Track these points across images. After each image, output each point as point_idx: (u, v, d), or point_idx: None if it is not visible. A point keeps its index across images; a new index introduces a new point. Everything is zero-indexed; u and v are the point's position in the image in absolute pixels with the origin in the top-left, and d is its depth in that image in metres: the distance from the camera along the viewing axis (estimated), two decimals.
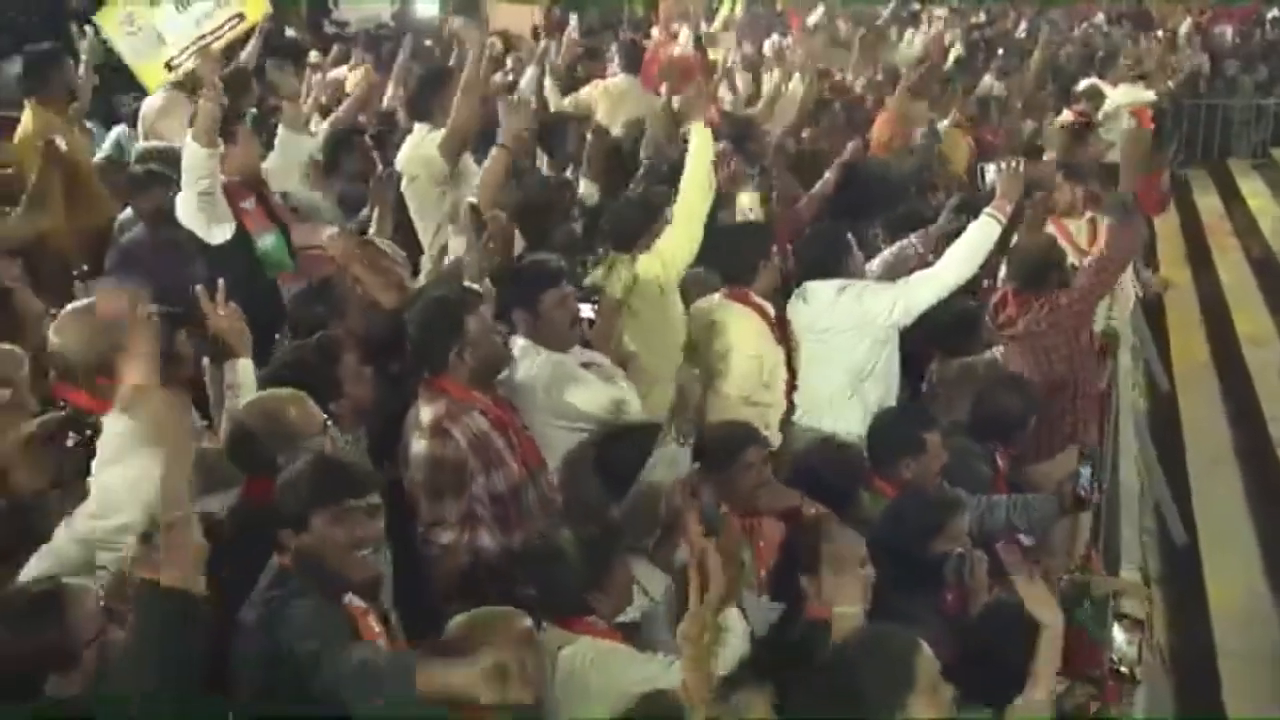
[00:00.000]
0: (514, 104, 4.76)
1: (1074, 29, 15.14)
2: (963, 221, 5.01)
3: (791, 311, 4.76)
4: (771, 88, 8.24)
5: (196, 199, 4.84)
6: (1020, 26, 15.02)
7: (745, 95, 8.80)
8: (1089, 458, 4.38)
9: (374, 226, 4.98)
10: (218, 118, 4.84)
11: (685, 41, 10.09)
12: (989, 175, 5.52)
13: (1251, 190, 13.36)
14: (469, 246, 4.33)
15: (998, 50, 12.09)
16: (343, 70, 9.70)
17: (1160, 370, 8.72)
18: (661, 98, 7.65)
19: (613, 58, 8.88)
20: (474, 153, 5.48)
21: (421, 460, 3.48)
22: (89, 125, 6.84)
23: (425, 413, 3.57)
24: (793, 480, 4.25)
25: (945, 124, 8.05)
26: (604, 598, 3.29)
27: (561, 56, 9.26)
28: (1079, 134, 8.12)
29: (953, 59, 11.31)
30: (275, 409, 3.13)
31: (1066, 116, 9.21)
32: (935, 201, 6.42)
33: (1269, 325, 9.63)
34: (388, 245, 4.76)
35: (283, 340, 4.24)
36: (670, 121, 7.23)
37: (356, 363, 3.58)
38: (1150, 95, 10.82)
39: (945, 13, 13.90)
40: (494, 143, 6.14)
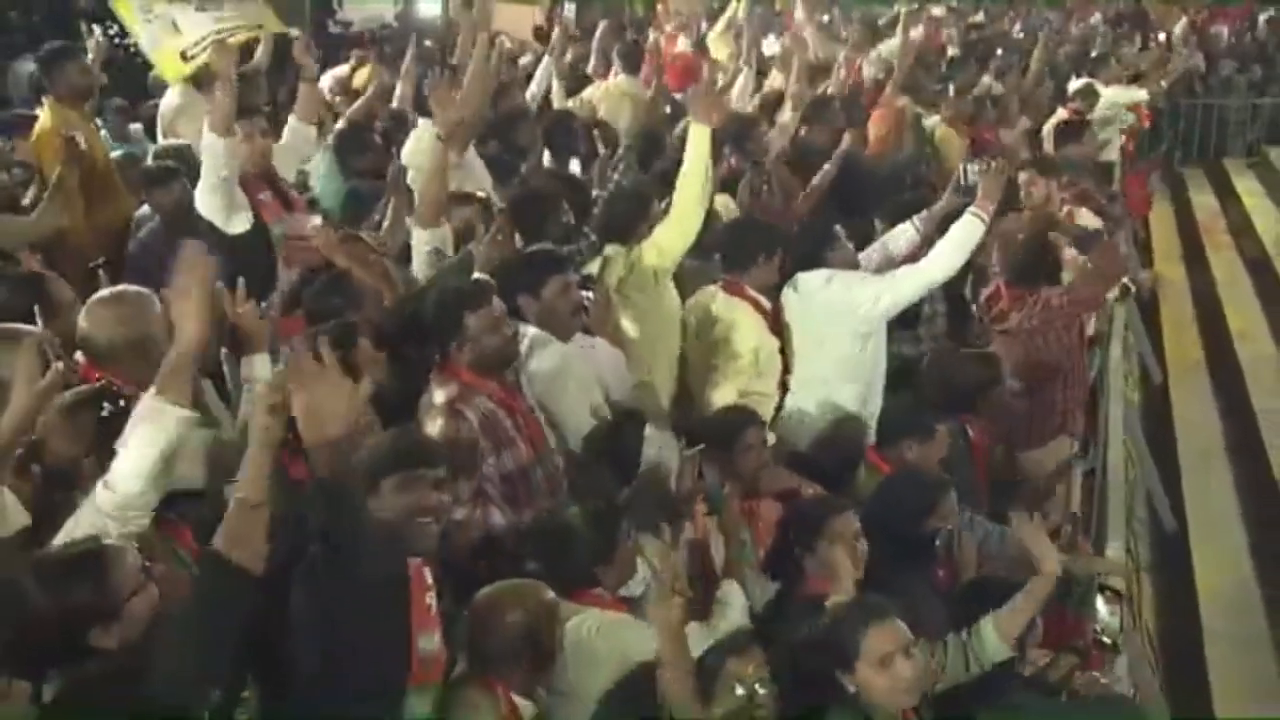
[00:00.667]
0: (444, 98, 4.86)
1: (1071, 29, 15.25)
2: (965, 202, 5.11)
3: (784, 301, 4.90)
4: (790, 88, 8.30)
5: (217, 187, 5.03)
6: (1016, 27, 15.16)
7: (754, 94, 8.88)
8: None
9: (389, 218, 5.13)
10: (233, 109, 5.01)
11: (686, 42, 10.26)
12: (971, 174, 5.64)
13: (1246, 189, 13.49)
14: (478, 238, 4.48)
15: (995, 50, 12.22)
16: (344, 69, 9.89)
17: (1153, 364, 8.87)
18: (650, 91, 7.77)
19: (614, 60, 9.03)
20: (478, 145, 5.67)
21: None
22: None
23: (438, 395, 3.72)
24: (790, 463, 4.42)
25: (934, 120, 8.17)
26: (609, 571, 3.46)
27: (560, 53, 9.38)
28: (1071, 131, 8.27)
29: (950, 59, 11.46)
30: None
31: (1061, 114, 9.35)
32: (932, 198, 6.54)
33: (1261, 321, 9.77)
34: (371, 237, 4.93)
35: None
36: (657, 111, 7.39)
37: (372, 349, 3.72)
38: (1143, 95, 10.96)
39: (943, 11, 14.06)
40: (502, 136, 6.34)
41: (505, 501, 3.72)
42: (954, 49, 12.11)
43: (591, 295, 4.55)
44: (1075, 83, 10.55)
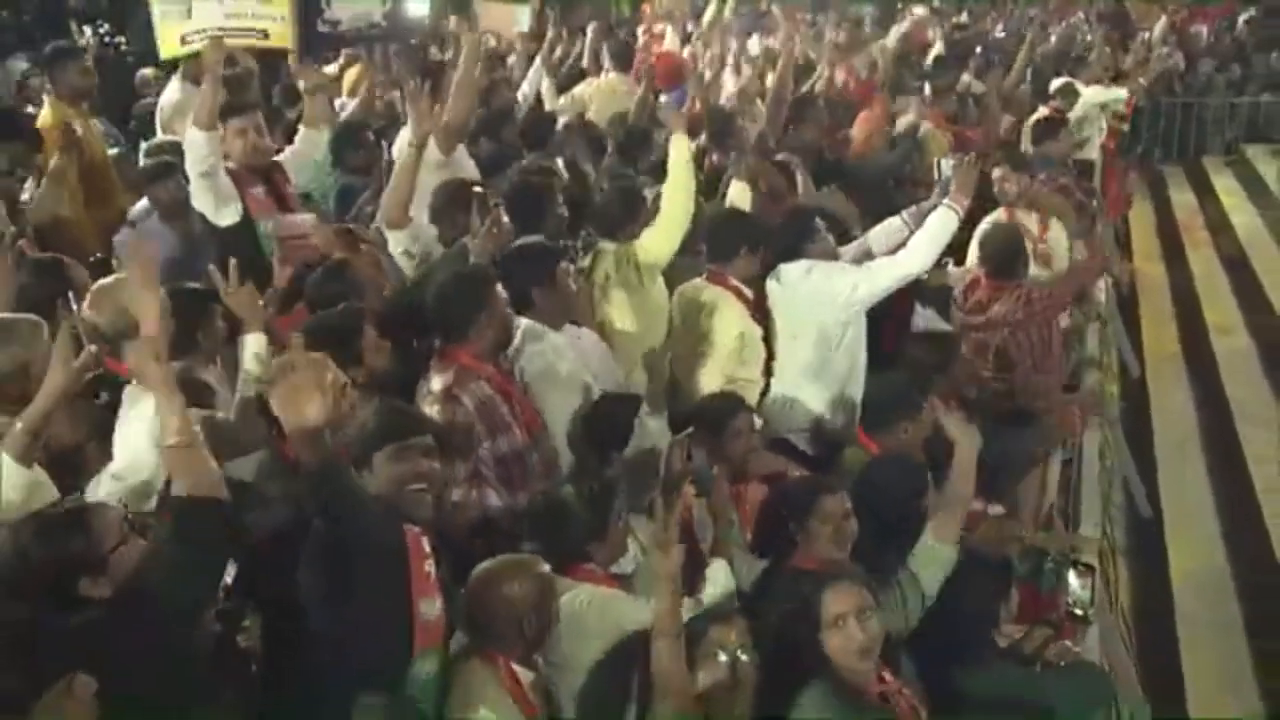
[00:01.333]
0: (421, 108, 5.02)
1: (1052, 28, 15.42)
2: None
3: (767, 291, 5.02)
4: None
5: (200, 180, 5.16)
6: (998, 27, 15.32)
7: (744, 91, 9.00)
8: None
9: (381, 213, 5.25)
10: (217, 104, 5.15)
11: (671, 40, 10.39)
12: (945, 169, 5.79)
13: (1224, 187, 13.68)
14: (474, 232, 4.61)
15: (976, 49, 12.38)
16: (333, 68, 9.99)
17: (1131, 358, 9.03)
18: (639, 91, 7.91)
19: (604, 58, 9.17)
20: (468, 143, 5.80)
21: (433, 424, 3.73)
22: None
23: (436, 381, 3.85)
24: (777, 447, 4.57)
25: (909, 118, 8.32)
26: (602, 548, 3.60)
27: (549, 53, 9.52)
28: (1049, 128, 8.42)
29: (932, 58, 11.61)
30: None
31: (1042, 112, 9.50)
32: (915, 195, 6.68)
33: (1236, 316, 9.95)
34: (363, 231, 5.06)
35: None
36: (646, 107, 7.53)
37: (376, 335, 3.85)
38: (1122, 94, 11.12)
39: (925, 11, 14.22)
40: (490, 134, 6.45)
41: (501, 484, 3.84)
42: (937, 48, 12.26)
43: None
44: (1056, 82, 10.71)
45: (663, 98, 7.89)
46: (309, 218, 5.37)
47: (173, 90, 7.08)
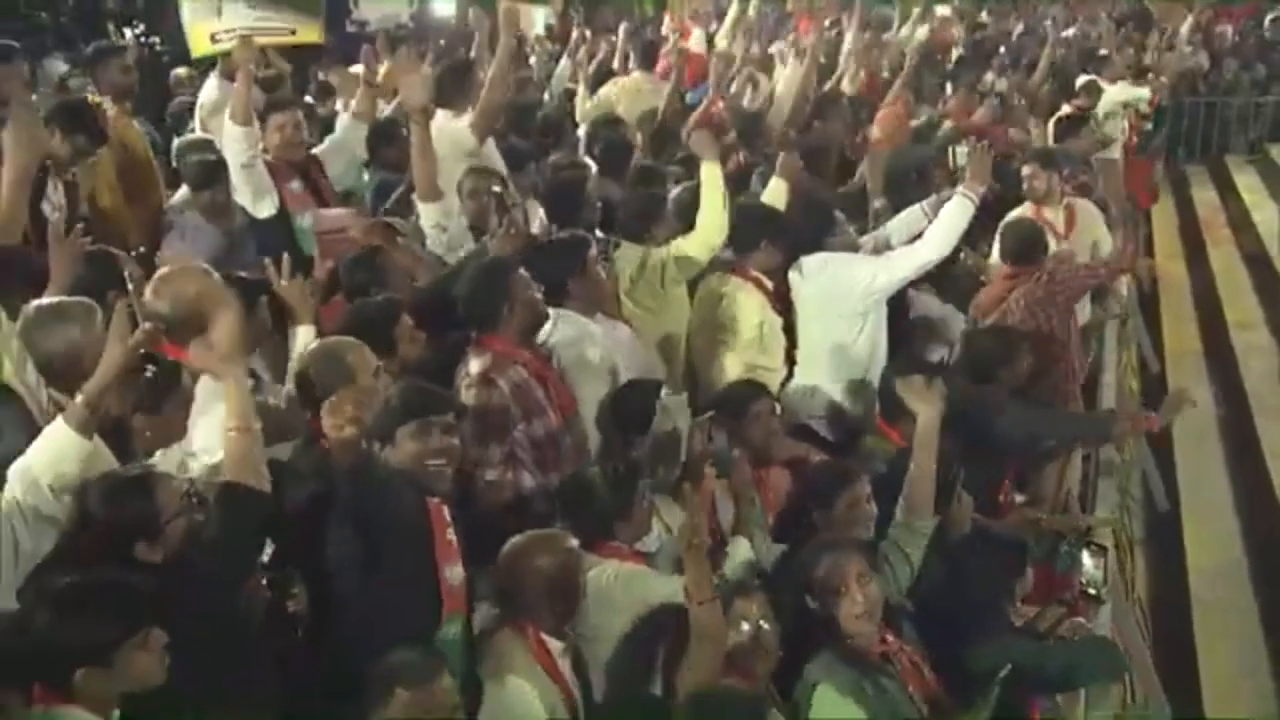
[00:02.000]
0: (411, 81, 5.13)
1: (1074, 27, 15.45)
2: None
3: (790, 282, 5.15)
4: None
5: (239, 173, 5.39)
6: (1019, 26, 15.37)
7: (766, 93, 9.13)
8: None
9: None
10: (251, 100, 5.40)
11: (698, 41, 10.53)
12: (960, 156, 5.92)
13: (1246, 185, 13.67)
14: (491, 231, 4.76)
15: (999, 48, 12.46)
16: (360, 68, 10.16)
17: (1151, 353, 9.11)
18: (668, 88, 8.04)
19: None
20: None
21: (469, 407, 3.88)
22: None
23: (473, 365, 4.01)
24: (798, 433, 4.70)
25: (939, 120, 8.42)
26: (626, 526, 3.73)
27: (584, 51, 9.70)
28: (1071, 126, 8.51)
29: (955, 58, 11.70)
30: (336, 352, 3.54)
31: (1065, 110, 9.58)
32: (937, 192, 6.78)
33: (1257, 313, 9.99)
34: (399, 223, 5.22)
35: None
36: (676, 107, 7.66)
37: (412, 325, 4.00)
38: (1145, 93, 11.19)
39: (949, 11, 14.30)
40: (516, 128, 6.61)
41: (535, 465, 4.00)
42: (960, 49, 12.35)
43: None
44: (1081, 79, 10.78)
45: (688, 96, 8.04)
46: (346, 212, 5.54)
47: (210, 88, 7.28)
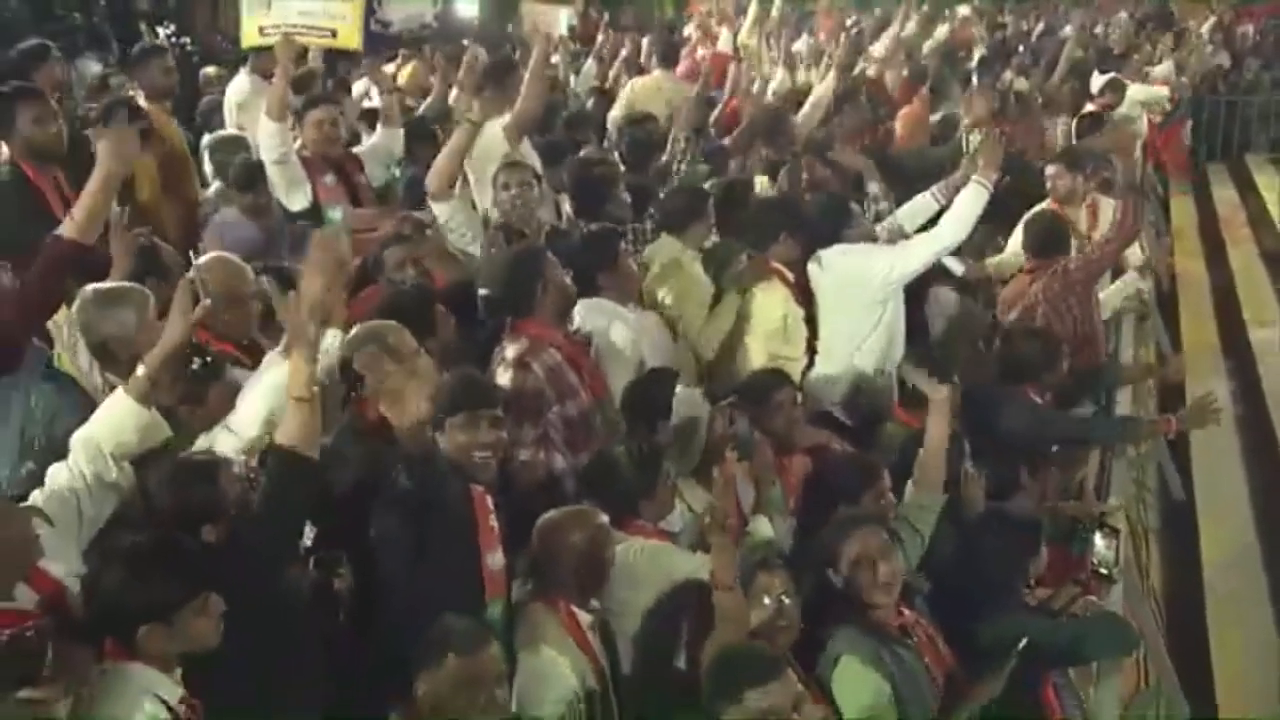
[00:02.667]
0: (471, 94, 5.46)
1: (1095, 27, 15.52)
2: None
3: (809, 274, 5.27)
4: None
5: (273, 166, 5.60)
6: (1039, 25, 15.45)
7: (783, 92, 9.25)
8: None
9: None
10: (287, 97, 5.61)
11: (726, 41, 10.67)
12: (973, 143, 6.05)
13: (1267, 183, 13.69)
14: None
15: (1019, 48, 12.55)
16: (391, 67, 10.36)
17: (1169, 348, 9.18)
18: (695, 88, 8.19)
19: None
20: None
21: (505, 390, 4.01)
22: None
23: (510, 350, 4.17)
24: (819, 421, 4.84)
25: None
26: (650, 505, 3.87)
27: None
28: (1093, 123, 8.62)
29: (977, 58, 11.79)
30: (380, 334, 3.68)
31: (1090, 108, 9.68)
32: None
33: (1275, 309, 10.06)
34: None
35: None
36: (703, 108, 7.81)
37: (445, 310, 4.16)
38: (1164, 93, 11.29)
39: (968, 11, 14.39)
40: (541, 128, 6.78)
41: (567, 445, 4.15)
42: (981, 49, 12.44)
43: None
44: (1098, 79, 10.87)
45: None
46: (378, 211, 5.72)
47: (240, 83, 7.52)
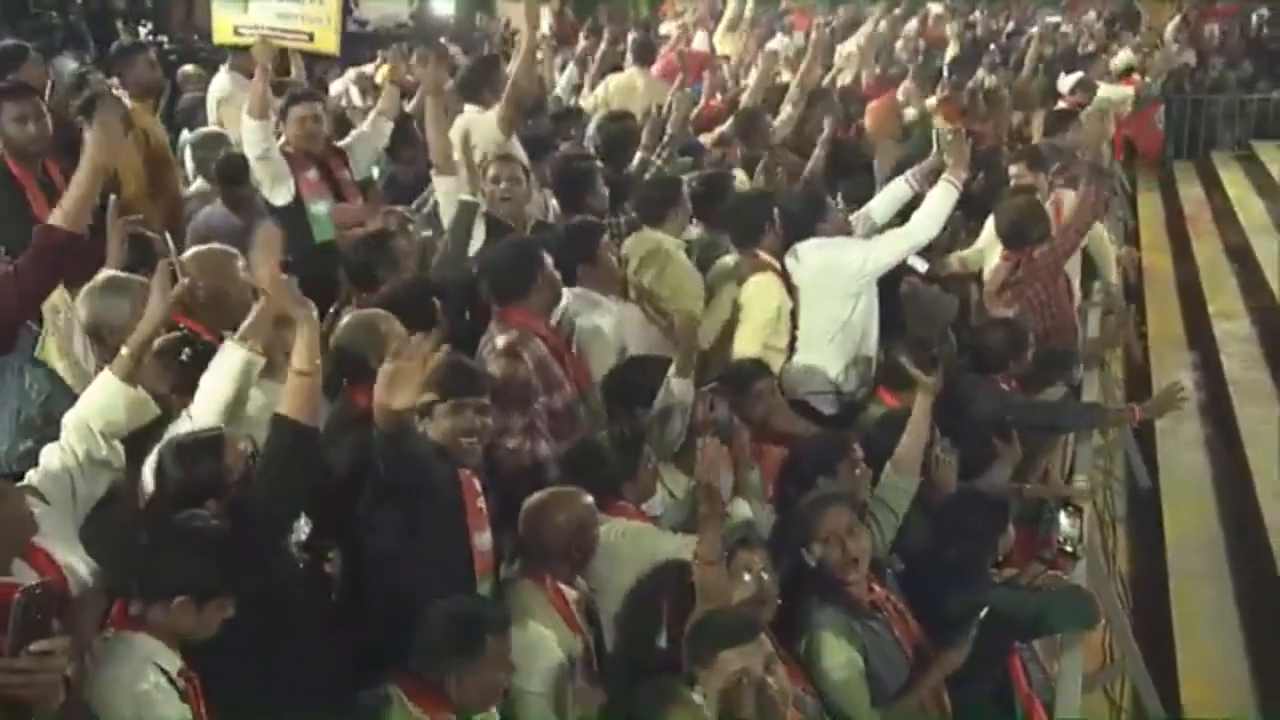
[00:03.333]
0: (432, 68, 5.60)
1: (1063, 27, 15.74)
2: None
3: (788, 268, 5.41)
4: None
5: (256, 162, 5.72)
6: (1009, 24, 15.66)
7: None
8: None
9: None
10: (267, 94, 5.76)
11: (701, 41, 10.80)
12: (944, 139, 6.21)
13: (1232, 180, 13.93)
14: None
15: (989, 46, 12.74)
16: (369, 67, 10.43)
17: (1135, 340, 9.36)
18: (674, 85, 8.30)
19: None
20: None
21: (495, 378, 4.11)
22: None
23: (499, 339, 4.29)
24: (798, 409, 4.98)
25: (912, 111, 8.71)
26: (633, 488, 4.02)
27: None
28: (1061, 120, 8.79)
29: (950, 57, 11.96)
30: (371, 324, 3.80)
31: (1061, 106, 9.86)
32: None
33: (1239, 303, 10.26)
34: (410, 213, 5.52)
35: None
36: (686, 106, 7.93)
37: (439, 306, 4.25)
38: (1129, 91, 11.51)
39: (941, 9, 14.58)
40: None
41: (552, 435, 4.28)
42: (953, 48, 12.61)
43: None
44: (1065, 79, 11.06)
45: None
46: (363, 207, 5.84)
47: (221, 81, 7.62)
